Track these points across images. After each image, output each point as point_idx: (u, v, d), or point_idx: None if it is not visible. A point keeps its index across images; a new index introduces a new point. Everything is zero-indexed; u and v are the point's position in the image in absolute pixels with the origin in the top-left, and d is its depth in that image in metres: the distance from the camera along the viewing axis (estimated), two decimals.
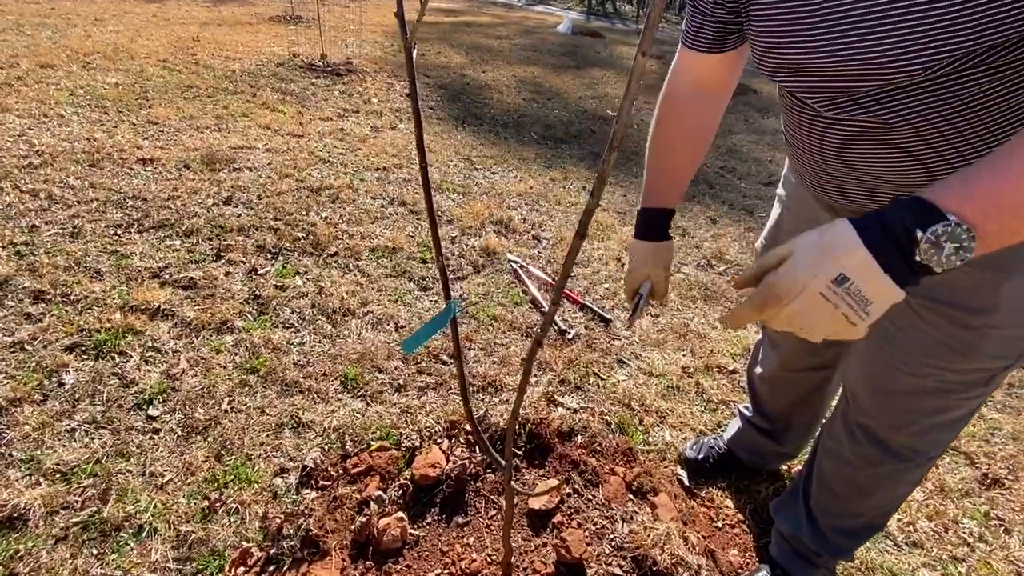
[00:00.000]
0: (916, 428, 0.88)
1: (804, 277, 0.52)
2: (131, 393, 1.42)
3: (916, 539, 1.33)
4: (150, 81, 3.61)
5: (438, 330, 0.76)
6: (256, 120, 3.32)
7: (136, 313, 1.67)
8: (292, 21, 6.50)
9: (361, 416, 1.47)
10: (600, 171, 0.48)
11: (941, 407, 0.84)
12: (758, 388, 1.33)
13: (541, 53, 7.05)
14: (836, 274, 0.50)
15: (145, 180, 2.41)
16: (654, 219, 0.94)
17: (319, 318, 1.82)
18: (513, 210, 2.80)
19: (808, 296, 0.52)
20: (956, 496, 1.47)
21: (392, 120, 3.81)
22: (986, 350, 0.76)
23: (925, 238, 0.48)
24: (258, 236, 2.18)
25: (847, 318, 0.51)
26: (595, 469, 1.33)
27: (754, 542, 1.27)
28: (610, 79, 6.25)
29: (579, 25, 9.98)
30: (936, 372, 0.81)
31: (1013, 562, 1.29)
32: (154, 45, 4.49)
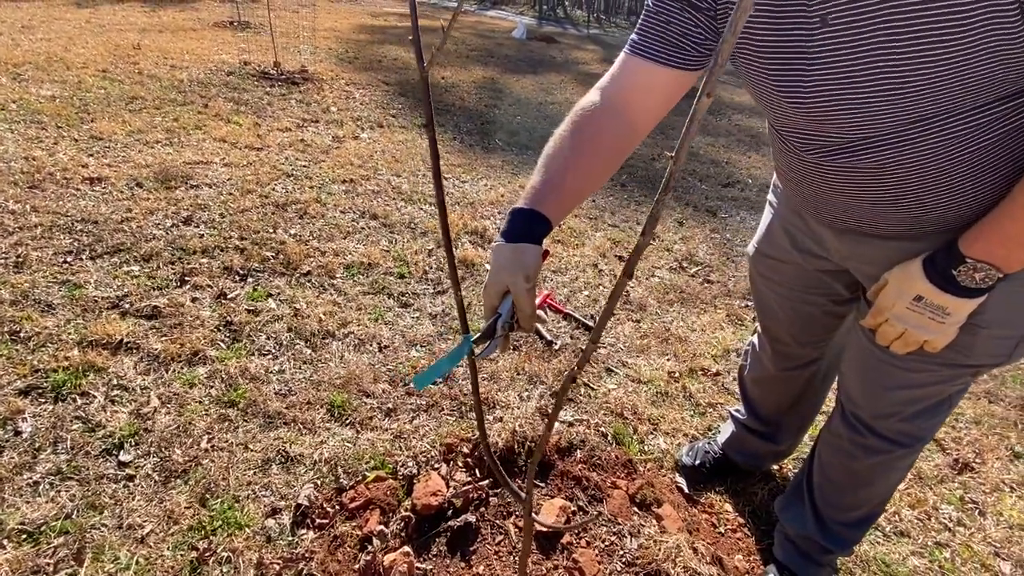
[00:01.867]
0: (906, 415, 0.93)
1: (894, 297, 0.79)
2: (98, 438, 1.31)
3: (902, 528, 1.39)
4: (90, 93, 3.38)
5: (454, 365, 0.73)
6: (210, 133, 3.16)
7: (96, 348, 1.55)
8: (239, 27, 6.25)
9: (352, 445, 1.41)
10: (653, 211, 0.47)
11: (932, 394, 0.91)
12: (750, 390, 1.36)
13: (498, 58, 7.06)
14: (914, 295, 0.76)
15: (94, 201, 2.25)
16: (529, 221, 0.72)
17: (297, 342, 1.75)
18: (487, 219, 2.78)
19: (899, 309, 0.78)
20: (933, 483, 1.55)
21: (354, 129, 3.72)
22: (977, 349, 0.81)
23: (959, 273, 0.72)
24: (224, 257, 2.06)
25: (934, 320, 0.75)
26: (597, 484, 1.33)
27: (756, 544, 1.29)
28: (568, 84, 6.32)
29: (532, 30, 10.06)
30: (929, 368, 0.86)
31: (991, 543, 1.37)
32: (91, 54, 4.21)
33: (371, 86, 4.74)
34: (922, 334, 0.77)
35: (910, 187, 0.74)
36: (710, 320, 2.22)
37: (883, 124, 0.69)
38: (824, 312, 1.09)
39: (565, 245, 2.66)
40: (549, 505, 1.24)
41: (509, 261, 0.70)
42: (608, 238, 2.78)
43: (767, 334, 1.23)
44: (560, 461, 1.40)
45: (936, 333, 0.76)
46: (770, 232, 1.10)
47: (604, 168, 0.80)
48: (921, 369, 0.87)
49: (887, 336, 0.81)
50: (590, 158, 0.78)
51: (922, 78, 0.62)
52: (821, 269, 1.02)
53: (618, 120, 0.79)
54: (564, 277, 2.39)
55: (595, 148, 0.78)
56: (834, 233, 0.91)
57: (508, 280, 0.69)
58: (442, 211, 0.67)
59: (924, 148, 0.69)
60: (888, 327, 0.80)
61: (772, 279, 1.12)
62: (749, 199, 3.54)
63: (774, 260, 1.10)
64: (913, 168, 0.72)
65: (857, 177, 0.77)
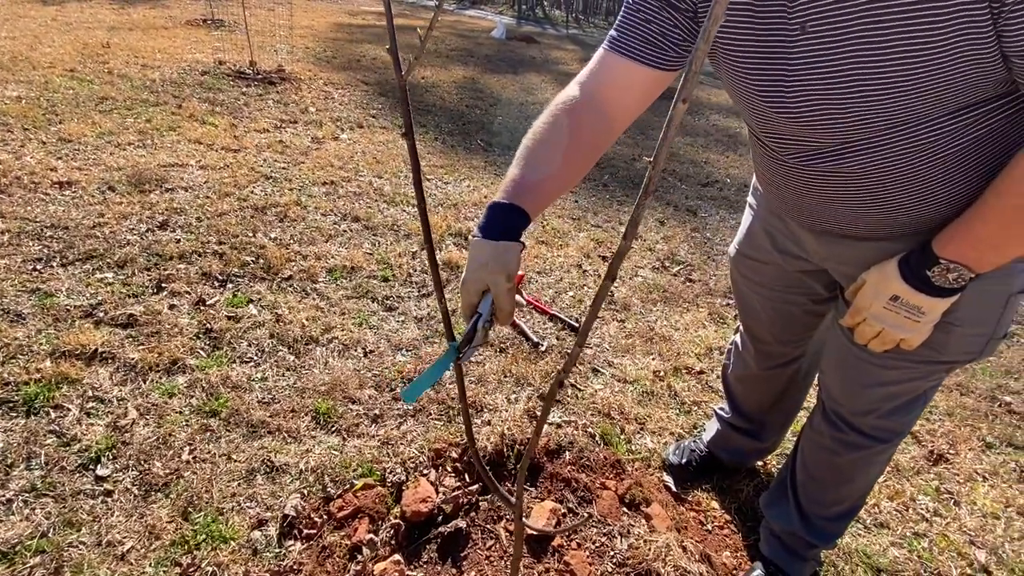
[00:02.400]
0: (884, 411, 0.96)
1: (871, 297, 0.81)
2: (74, 452, 1.27)
3: (882, 520, 1.43)
4: (57, 93, 3.27)
5: (441, 374, 0.72)
6: (185, 134, 3.08)
7: (70, 359, 1.50)
8: (213, 25, 6.11)
9: (339, 453, 1.39)
10: (634, 215, 0.47)
11: (908, 391, 0.94)
12: (734, 388, 1.39)
13: (478, 58, 7.04)
14: (890, 295, 0.78)
15: (64, 206, 2.18)
16: (508, 216, 0.71)
17: (280, 349, 1.71)
18: (471, 221, 2.77)
19: (876, 309, 0.80)
20: (910, 475, 1.59)
21: (334, 130, 3.67)
22: (951, 346, 0.84)
23: (933, 274, 0.74)
24: (202, 263, 2.02)
25: (910, 319, 0.77)
26: (587, 485, 1.33)
27: (743, 541, 1.31)
28: (548, 84, 6.33)
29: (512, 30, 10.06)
30: (906, 365, 0.89)
31: (966, 532, 1.42)
32: (58, 53, 4.07)
33: (350, 86, 4.68)
34: (898, 333, 0.79)
35: (887, 190, 0.76)
36: (693, 319, 2.24)
37: (862, 129, 0.70)
38: (804, 311, 1.11)
39: (549, 246, 2.67)
40: (539, 508, 1.25)
41: (491, 259, 0.68)
42: (591, 238, 2.79)
43: (749, 333, 1.25)
44: (549, 463, 1.40)
45: (912, 332, 0.78)
46: (750, 234, 1.12)
47: (582, 162, 0.80)
48: (898, 366, 0.90)
49: (864, 335, 0.83)
50: (569, 152, 0.77)
51: (899, 84, 0.64)
52: (800, 270, 1.04)
53: (596, 115, 0.78)
54: (549, 278, 2.39)
55: (574, 142, 0.77)
56: (813, 235, 0.93)
57: (489, 279, 0.68)
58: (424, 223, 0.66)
59: (901, 152, 0.71)
60: (866, 326, 0.82)
61: (753, 280, 1.15)
62: (728, 198, 3.60)
63: (755, 261, 1.12)
64: (890, 172, 0.74)
65: (836, 181, 0.78)
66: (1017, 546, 1.39)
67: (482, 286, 0.69)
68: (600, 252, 2.69)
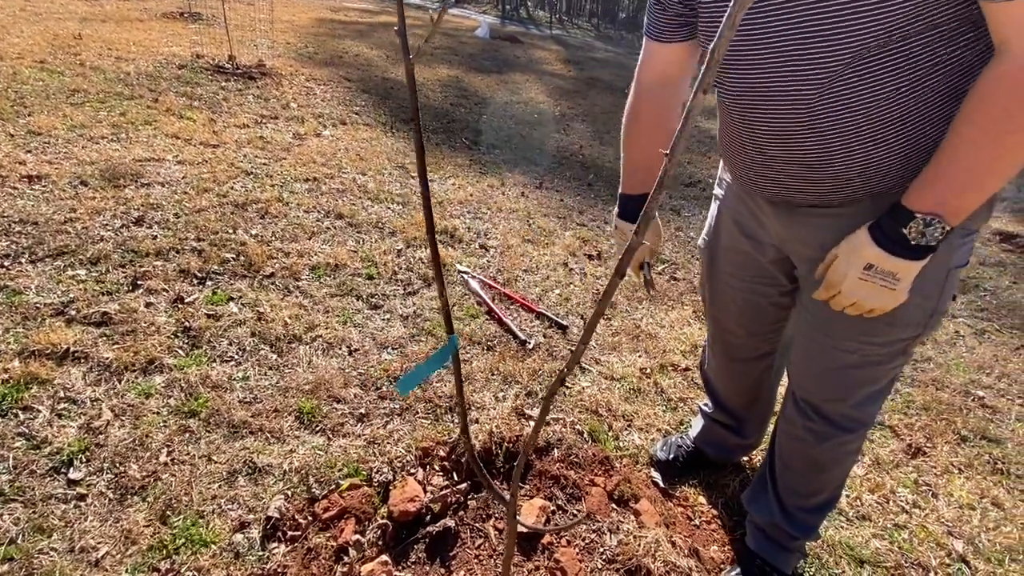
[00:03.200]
0: (852, 400, 0.99)
1: (844, 269, 0.80)
2: (44, 455, 1.22)
3: (864, 512, 1.45)
4: (27, 85, 3.15)
5: (438, 368, 0.71)
6: (162, 128, 3.00)
7: (40, 359, 1.44)
8: (190, 18, 5.97)
9: (324, 453, 1.36)
10: (646, 209, 0.47)
11: (869, 378, 0.97)
12: (713, 383, 1.41)
13: (462, 57, 7.01)
14: (864, 264, 0.77)
15: (33, 201, 2.10)
16: (636, 202, 1.09)
17: (262, 348, 1.67)
18: (456, 219, 2.75)
19: (851, 280, 0.79)
20: (889, 468, 1.63)
21: (316, 127, 3.61)
22: (900, 319, 0.88)
23: (909, 231, 0.73)
24: (180, 260, 1.96)
25: (885, 287, 0.77)
26: (575, 482, 1.33)
27: (730, 535, 1.32)
28: (532, 84, 6.33)
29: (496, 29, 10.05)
30: (863, 347, 0.93)
31: (944, 523, 1.45)
32: (27, 44, 3.93)
33: (333, 82, 4.62)
34: (873, 302, 0.79)
35: (839, 134, 0.77)
36: (678, 316, 2.26)
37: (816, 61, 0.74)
38: (771, 303, 1.14)
39: (535, 244, 2.66)
40: (529, 505, 1.24)
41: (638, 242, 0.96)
42: (577, 237, 2.80)
43: (718, 326, 1.27)
44: (538, 461, 1.39)
45: (887, 300, 0.78)
46: (718, 223, 1.16)
47: (665, 130, 1.03)
48: (859, 349, 0.93)
49: (839, 305, 0.84)
50: (654, 132, 1.04)
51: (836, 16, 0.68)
52: (768, 259, 1.07)
53: (660, 91, 1.02)
54: (535, 276, 2.39)
55: (654, 122, 1.04)
56: (773, 210, 0.96)
57: (651, 242, 1.15)
58: (427, 210, 0.65)
59: (849, 88, 0.73)
60: (841, 298, 0.82)
61: (723, 269, 1.17)
62: (711, 198, 3.64)
63: (723, 249, 1.15)
64: (839, 111, 0.75)
65: (784, 130, 0.81)
66: (992, 536, 1.42)
67: (645, 253, 1.16)
68: (586, 250, 2.70)
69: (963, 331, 2.47)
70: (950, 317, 2.57)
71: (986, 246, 3.50)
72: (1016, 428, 1.86)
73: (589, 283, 2.41)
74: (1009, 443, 1.78)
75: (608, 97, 6.34)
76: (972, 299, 2.79)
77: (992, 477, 1.64)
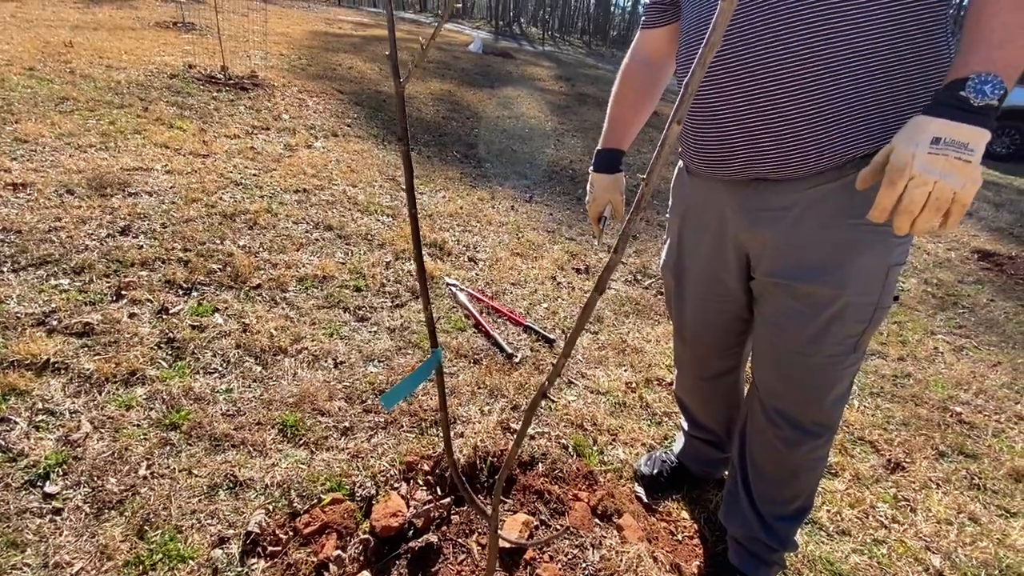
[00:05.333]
0: (820, 404, 1.03)
1: (910, 149, 0.70)
2: (20, 468, 1.20)
3: (844, 527, 1.47)
4: (14, 92, 3.13)
5: (423, 381, 0.72)
6: (151, 138, 2.99)
7: (18, 369, 1.42)
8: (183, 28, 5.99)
9: (307, 467, 1.35)
10: (625, 229, 0.48)
11: (832, 379, 1.01)
12: (686, 403, 1.44)
13: (455, 71, 7.08)
14: (931, 138, 0.69)
15: (17, 209, 2.08)
16: (611, 157, 1.20)
17: (247, 360, 1.67)
18: (446, 231, 2.76)
19: (921, 157, 0.69)
20: (869, 483, 1.65)
21: (307, 138, 3.62)
22: (847, 315, 0.94)
23: (968, 93, 0.69)
24: (165, 270, 1.95)
25: (960, 159, 0.68)
26: (559, 497, 1.33)
27: (712, 549, 1.33)
28: (524, 99, 6.41)
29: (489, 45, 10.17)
30: (820, 347, 0.97)
31: (922, 538, 1.47)
32: (16, 50, 3.92)
33: (325, 94, 4.64)
34: (951, 182, 0.68)
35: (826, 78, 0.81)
36: (664, 331, 2.28)
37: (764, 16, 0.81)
38: (735, 317, 1.17)
39: (524, 258, 2.68)
40: (512, 520, 1.23)
41: (611, 184, 1.20)
42: (565, 251, 2.82)
43: (686, 346, 1.29)
44: (522, 475, 1.39)
45: (965, 177, 0.68)
46: (678, 242, 1.19)
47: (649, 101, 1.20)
48: (819, 351, 0.98)
49: (916, 201, 0.70)
50: (636, 97, 1.20)
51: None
52: (728, 270, 1.09)
53: (645, 66, 1.19)
54: (523, 290, 2.40)
55: (637, 90, 1.19)
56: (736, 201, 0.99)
57: (612, 197, 1.21)
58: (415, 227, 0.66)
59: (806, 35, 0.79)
60: (914, 188, 0.69)
61: (687, 289, 1.20)
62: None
63: (686, 269, 1.18)
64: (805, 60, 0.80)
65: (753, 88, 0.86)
66: (969, 551, 1.44)
67: (606, 202, 1.21)
68: (574, 264, 2.72)
69: (942, 347, 2.52)
70: (929, 334, 2.62)
71: (964, 264, 3.58)
72: (992, 444, 1.89)
73: (577, 297, 2.42)
74: (986, 459, 1.81)
75: (599, 113, 6.43)
76: (951, 316, 2.84)
77: (969, 492, 1.67)
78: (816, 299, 0.95)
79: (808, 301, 0.95)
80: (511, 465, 0.72)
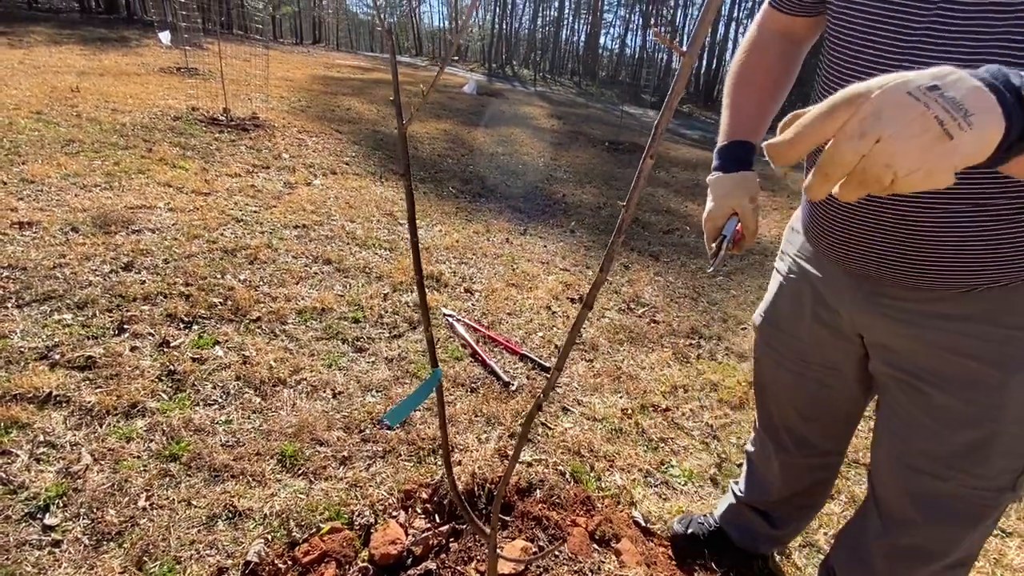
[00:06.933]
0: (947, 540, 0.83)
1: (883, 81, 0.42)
2: (20, 500, 1.20)
3: None
4: (22, 135, 3.23)
5: (424, 399, 0.75)
6: (154, 177, 3.08)
7: (21, 403, 1.44)
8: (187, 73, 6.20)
9: (305, 496, 1.36)
10: (609, 250, 0.53)
11: (967, 514, 0.79)
12: (757, 469, 1.23)
13: (451, 111, 7.32)
14: (930, 78, 0.41)
15: (23, 247, 2.13)
16: (736, 151, 0.86)
17: (246, 391, 1.68)
18: (442, 264, 2.82)
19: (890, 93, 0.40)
20: None
21: (306, 176, 3.72)
22: (1012, 447, 0.74)
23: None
24: (167, 304, 1.99)
25: (941, 124, 0.39)
26: (557, 523, 1.34)
27: (711, 574, 1.33)
28: (517, 136, 6.62)
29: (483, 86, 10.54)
30: (961, 475, 0.77)
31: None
32: (24, 95, 4.05)
33: (324, 134, 4.79)
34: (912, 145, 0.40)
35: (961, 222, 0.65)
36: (658, 358, 2.32)
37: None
38: (843, 396, 0.98)
39: (519, 288, 2.73)
40: (511, 547, 1.24)
41: (734, 187, 0.82)
42: (560, 281, 2.88)
43: (770, 414, 1.11)
44: (520, 502, 1.40)
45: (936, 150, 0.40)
46: (778, 299, 1.00)
47: (782, 78, 0.90)
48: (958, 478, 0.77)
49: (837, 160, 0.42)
50: (768, 75, 0.90)
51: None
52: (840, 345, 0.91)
53: (775, 43, 0.90)
54: (519, 320, 2.44)
55: (764, 66, 0.90)
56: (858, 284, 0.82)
57: (736, 204, 0.81)
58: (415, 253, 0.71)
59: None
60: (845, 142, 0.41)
61: (782, 353, 1.01)
62: (688, 244, 3.78)
63: (784, 332, 0.99)
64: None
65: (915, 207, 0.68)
66: None
67: (728, 211, 0.82)
68: (568, 294, 2.77)
69: None
70: None
71: None
72: None
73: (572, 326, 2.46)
74: None
75: (589, 150, 6.63)
76: None
77: None
78: (954, 414, 0.75)
79: (943, 414, 0.76)
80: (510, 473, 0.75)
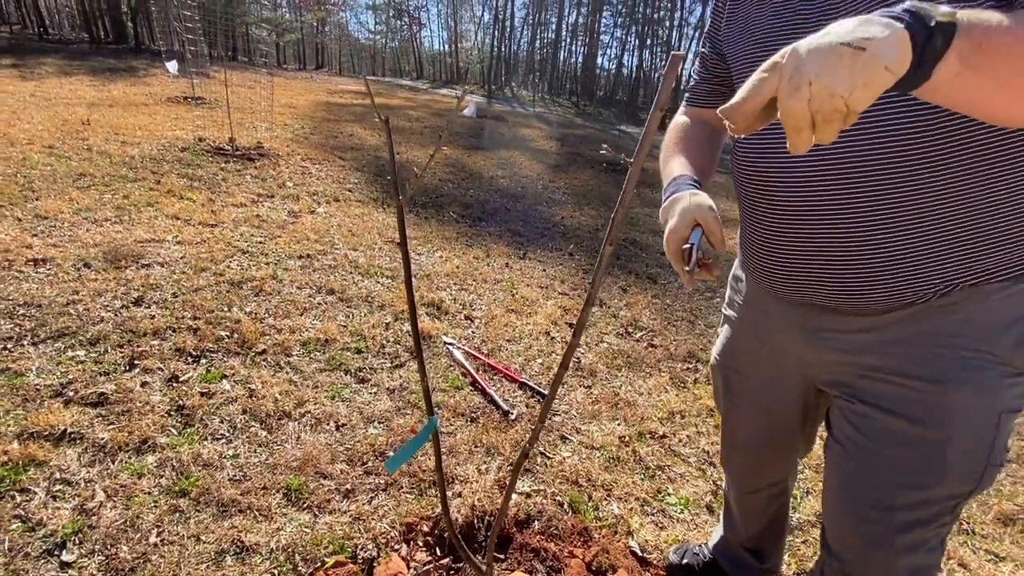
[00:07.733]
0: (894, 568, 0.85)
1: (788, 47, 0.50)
2: (39, 537, 1.25)
3: None
4: (35, 170, 3.34)
5: (422, 444, 0.81)
6: (163, 209, 3.17)
7: (38, 441, 1.49)
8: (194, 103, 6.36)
9: (310, 530, 1.40)
10: (598, 264, 0.59)
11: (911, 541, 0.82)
12: (731, 506, 1.31)
13: (452, 135, 7.46)
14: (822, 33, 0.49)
15: (38, 284, 2.20)
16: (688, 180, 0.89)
17: (252, 425, 1.74)
18: (443, 291, 2.88)
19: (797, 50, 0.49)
20: None
21: (310, 204, 3.81)
22: (951, 468, 0.76)
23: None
24: (176, 339, 2.05)
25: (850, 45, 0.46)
26: (555, 555, 1.37)
27: None
28: (517, 158, 6.74)
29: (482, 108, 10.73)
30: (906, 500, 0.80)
31: None
32: (37, 129, 4.18)
33: (327, 162, 4.90)
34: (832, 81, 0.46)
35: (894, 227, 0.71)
36: (655, 383, 2.36)
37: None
38: (786, 429, 1.06)
39: (518, 314, 2.79)
40: None
41: (692, 201, 0.83)
42: (559, 306, 2.94)
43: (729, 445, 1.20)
44: (519, 534, 1.44)
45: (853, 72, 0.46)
46: (731, 341, 1.08)
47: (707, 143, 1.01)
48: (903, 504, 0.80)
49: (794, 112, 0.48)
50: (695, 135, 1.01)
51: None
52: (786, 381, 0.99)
53: (703, 125, 1.03)
54: (518, 346, 2.49)
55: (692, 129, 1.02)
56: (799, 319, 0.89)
57: (697, 214, 0.81)
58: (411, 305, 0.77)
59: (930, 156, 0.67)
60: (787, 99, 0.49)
61: (737, 392, 1.10)
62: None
63: (737, 372, 1.08)
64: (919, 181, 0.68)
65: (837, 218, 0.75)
66: None
67: (691, 222, 0.81)
68: (567, 319, 2.83)
69: None
70: None
71: None
72: None
73: None
74: (974, 503, 1.85)
75: (588, 171, 6.74)
76: None
77: (958, 537, 1.70)
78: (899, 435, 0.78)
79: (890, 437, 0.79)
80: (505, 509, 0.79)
